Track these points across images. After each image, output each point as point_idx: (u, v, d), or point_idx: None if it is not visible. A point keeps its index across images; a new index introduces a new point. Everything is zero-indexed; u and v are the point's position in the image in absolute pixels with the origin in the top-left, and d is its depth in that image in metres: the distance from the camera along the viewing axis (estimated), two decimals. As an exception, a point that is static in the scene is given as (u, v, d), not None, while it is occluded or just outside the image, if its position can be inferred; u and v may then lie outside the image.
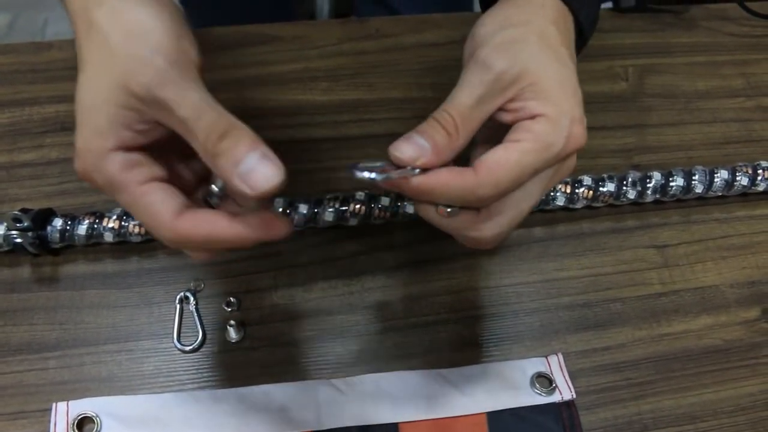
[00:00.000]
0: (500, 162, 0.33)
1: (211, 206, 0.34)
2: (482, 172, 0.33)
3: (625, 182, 0.51)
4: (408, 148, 0.33)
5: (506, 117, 0.34)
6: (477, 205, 0.35)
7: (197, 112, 0.30)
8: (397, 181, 0.33)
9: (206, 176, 0.35)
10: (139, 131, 0.31)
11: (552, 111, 0.33)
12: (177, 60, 0.31)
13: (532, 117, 0.34)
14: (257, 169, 0.29)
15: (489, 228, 0.36)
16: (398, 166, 0.33)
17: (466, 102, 0.34)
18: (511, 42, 0.35)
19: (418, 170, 0.33)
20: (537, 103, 0.33)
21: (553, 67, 0.35)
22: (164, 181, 0.33)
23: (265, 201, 0.33)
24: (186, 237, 0.31)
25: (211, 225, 0.31)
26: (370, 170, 0.32)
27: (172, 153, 0.34)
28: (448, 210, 0.35)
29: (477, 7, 0.90)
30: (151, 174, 0.32)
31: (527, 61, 0.34)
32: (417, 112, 0.57)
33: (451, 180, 0.33)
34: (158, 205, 0.31)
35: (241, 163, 0.29)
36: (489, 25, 0.36)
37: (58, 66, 0.59)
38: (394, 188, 0.34)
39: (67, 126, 0.55)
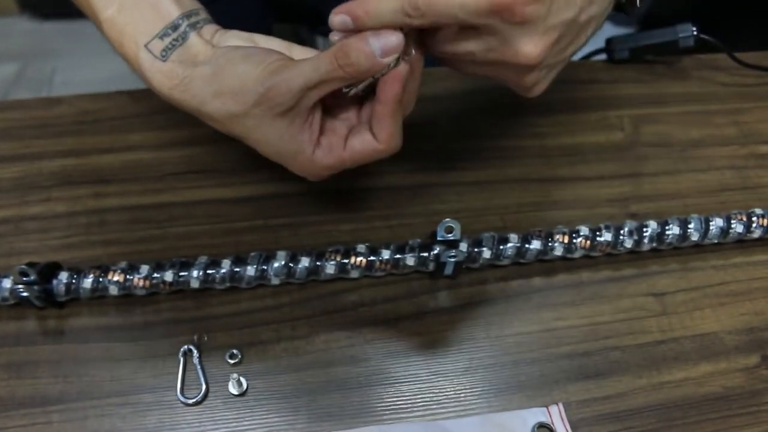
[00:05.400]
0: None
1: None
2: None
3: (621, 231, 0.52)
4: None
5: None
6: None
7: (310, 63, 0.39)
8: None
9: None
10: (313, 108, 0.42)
11: None
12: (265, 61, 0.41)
13: None
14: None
15: (527, 40, 0.38)
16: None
17: None
18: None
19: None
20: None
21: None
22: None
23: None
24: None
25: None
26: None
27: None
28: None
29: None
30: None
31: None
32: (417, 164, 0.58)
33: None
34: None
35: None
36: None
37: (67, 121, 0.60)
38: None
39: (73, 180, 0.56)
